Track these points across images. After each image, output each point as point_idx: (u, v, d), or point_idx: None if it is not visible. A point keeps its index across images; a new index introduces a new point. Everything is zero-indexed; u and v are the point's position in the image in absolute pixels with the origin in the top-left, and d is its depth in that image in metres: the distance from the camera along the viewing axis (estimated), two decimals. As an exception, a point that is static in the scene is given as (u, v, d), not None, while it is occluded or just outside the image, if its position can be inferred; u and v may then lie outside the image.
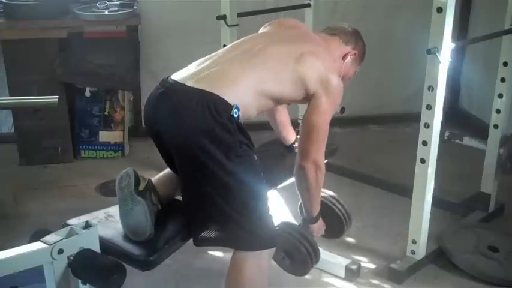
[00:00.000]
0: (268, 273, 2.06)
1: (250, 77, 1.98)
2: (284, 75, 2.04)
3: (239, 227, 1.94)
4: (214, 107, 1.85)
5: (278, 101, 2.11)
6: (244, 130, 1.92)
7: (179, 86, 1.93)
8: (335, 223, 2.42)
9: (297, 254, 2.24)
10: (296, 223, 2.40)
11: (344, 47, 2.26)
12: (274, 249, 2.06)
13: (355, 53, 2.28)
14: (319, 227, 2.31)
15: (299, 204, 2.33)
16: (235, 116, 1.88)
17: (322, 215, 2.30)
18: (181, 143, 1.89)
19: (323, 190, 2.28)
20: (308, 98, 2.08)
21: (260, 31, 2.29)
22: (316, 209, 2.25)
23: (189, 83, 1.93)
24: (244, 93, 1.95)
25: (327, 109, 2.07)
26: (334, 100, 2.10)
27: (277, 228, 2.13)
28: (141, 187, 1.94)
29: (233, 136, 1.87)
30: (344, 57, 2.26)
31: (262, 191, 2.01)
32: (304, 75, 2.04)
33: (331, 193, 2.43)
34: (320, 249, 2.73)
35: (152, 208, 1.94)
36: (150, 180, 2.02)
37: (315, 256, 2.25)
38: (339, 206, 2.43)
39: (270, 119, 2.50)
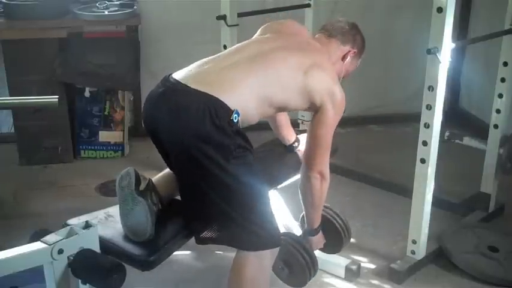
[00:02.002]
0: (269, 272, 2.07)
1: (253, 82, 1.97)
2: (291, 85, 2.03)
3: (240, 227, 1.94)
4: (215, 110, 1.85)
5: (280, 109, 2.11)
6: (242, 134, 1.92)
7: (181, 87, 1.92)
8: (334, 238, 2.46)
9: (296, 264, 2.26)
10: (296, 224, 2.41)
11: (343, 47, 2.26)
12: (277, 249, 2.06)
13: (354, 52, 2.28)
14: (318, 240, 2.34)
15: (301, 216, 2.37)
16: (235, 120, 1.88)
17: (322, 228, 2.33)
18: (179, 143, 1.89)
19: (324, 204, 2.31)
20: (312, 108, 2.09)
21: (259, 33, 2.26)
22: (318, 221, 2.29)
23: (191, 85, 1.91)
24: (246, 98, 1.94)
25: (333, 122, 2.10)
26: (340, 112, 2.12)
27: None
28: (142, 187, 1.94)
29: (231, 139, 1.87)
30: (344, 57, 2.26)
31: (263, 191, 2.01)
32: (312, 88, 2.04)
33: (331, 207, 2.46)
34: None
35: (153, 208, 1.93)
36: (150, 180, 2.02)
37: (313, 268, 2.27)
38: (339, 220, 2.46)
39: (270, 120, 2.50)
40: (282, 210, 2.67)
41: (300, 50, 2.14)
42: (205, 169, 1.87)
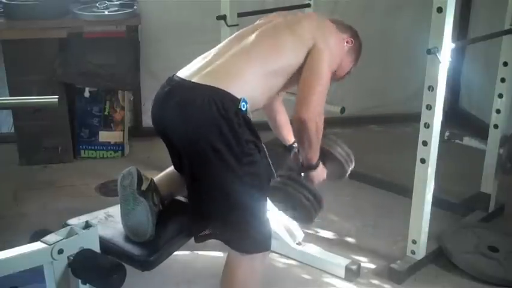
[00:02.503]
0: (261, 274, 2.06)
1: (254, 64, 1.99)
2: (283, 45, 2.05)
3: (237, 228, 1.95)
4: (221, 102, 1.85)
5: (285, 74, 2.05)
6: (251, 124, 1.92)
7: (185, 83, 1.94)
8: (336, 165, 2.33)
9: (300, 206, 2.14)
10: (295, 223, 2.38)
11: (340, 34, 2.23)
12: (268, 252, 2.06)
13: (351, 41, 2.25)
14: (320, 173, 2.22)
15: (295, 150, 2.28)
16: (243, 109, 1.88)
17: (322, 159, 2.22)
18: (189, 139, 1.90)
19: None
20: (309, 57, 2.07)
21: (256, 23, 2.28)
22: (316, 156, 2.16)
23: (194, 79, 1.93)
24: (251, 82, 1.95)
25: (327, 59, 2.06)
26: (334, 54, 2.09)
27: (276, 180, 2.09)
28: (144, 187, 1.94)
29: (240, 131, 1.87)
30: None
31: (263, 194, 2.01)
32: (301, 33, 2.06)
33: (327, 135, 2.29)
34: (320, 249, 2.75)
35: (154, 209, 1.93)
36: (152, 180, 2.02)
37: (318, 205, 2.14)
38: (337, 148, 2.33)
39: (270, 120, 2.50)
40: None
41: (293, 19, 2.16)
42: (212, 164, 1.87)
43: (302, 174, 2.23)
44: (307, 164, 2.18)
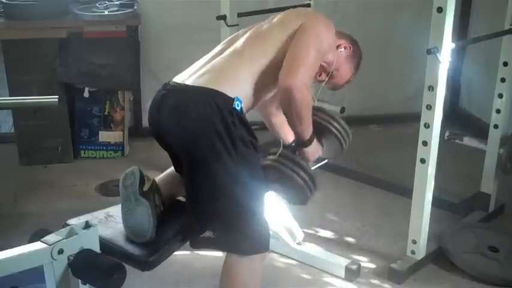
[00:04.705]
0: (261, 275, 2.06)
1: (245, 63, 1.99)
2: (270, 38, 2.04)
3: (234, 229, 1.94)
4: (214, 102, 1.86)
5: (275, 68, 1.98)
6: (246, 123, 1.92)
7: (179, 86, 1.96)
8: (332, 142, 2.24)
9: (294, 185, 2.04)
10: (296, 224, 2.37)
11: (337, 39, 2.19)
12: (266, 253, 2.05)
13: (350, 47, 2.21)
14: (314, 150, 2.15)
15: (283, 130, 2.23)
16: (238, 108, 1.88)
17: (317, 135, 2.14)
18: (185, 141, 1.90)
19: (314, 107, 2.08)
20: None
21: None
22: (309, 131, 2.07)
23: (188, 82, 1.95)
24: (243, 81, 1.96)
25: (314, 37, 1.99)
26: (323, 40, 2.03)
27: (268, 157, 2.06)
28: (146, 187, 1.94)
29: (235, 131, 1.87)
30: (338, 47, 2.19)
31: (260, 194, 2.00)
32: (289, 23, 2.04)
33: (323, 109, 2.25)
34: (320, 249, 2.74)
35: (154, 210, 1.93)
36: (154, 181, 2.02)
37: (312, 183, 2.04)
38: (334, 122, 2.24)
39: (266, 122, 2.46)
40: (282, 210, 2.67)
41: (287, 18, 2.14)
42: (209, 164, 1.87)
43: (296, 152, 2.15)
44: (299, 140, 2.10)
